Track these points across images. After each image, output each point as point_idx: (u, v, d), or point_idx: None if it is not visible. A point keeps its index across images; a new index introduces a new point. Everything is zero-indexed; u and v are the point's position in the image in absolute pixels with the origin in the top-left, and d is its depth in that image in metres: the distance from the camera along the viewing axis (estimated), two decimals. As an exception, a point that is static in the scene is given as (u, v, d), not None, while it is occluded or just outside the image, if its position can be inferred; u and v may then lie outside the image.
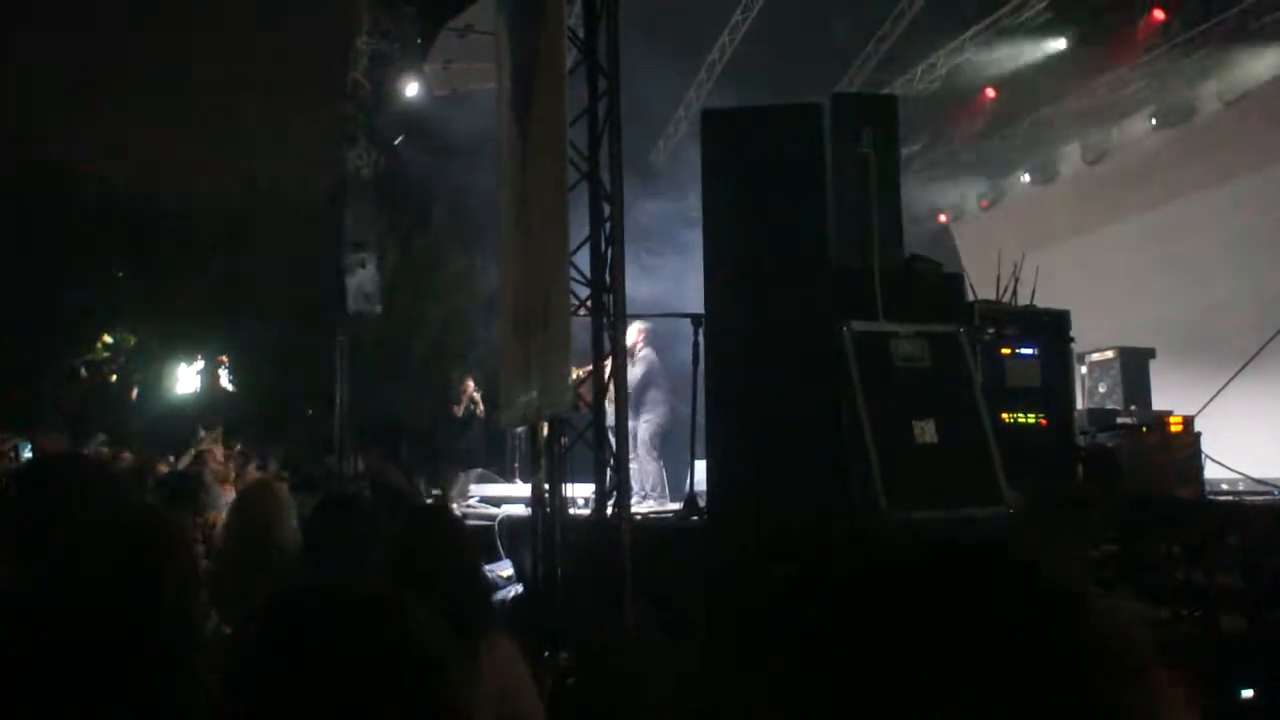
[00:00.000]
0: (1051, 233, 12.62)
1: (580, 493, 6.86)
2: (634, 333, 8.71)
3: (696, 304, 6.43)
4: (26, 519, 2.34)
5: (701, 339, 6.36)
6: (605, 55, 5.66)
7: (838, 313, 5.72)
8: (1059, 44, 11.84)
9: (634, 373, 8.87)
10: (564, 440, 6.06)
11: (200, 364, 16.17)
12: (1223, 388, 7.13)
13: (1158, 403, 8.94)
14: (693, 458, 6.84)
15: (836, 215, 6.17)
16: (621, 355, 5.62)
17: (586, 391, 5.75)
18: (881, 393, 5.54)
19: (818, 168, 6.17)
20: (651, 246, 9.99)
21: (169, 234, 16.03)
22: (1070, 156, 13.59)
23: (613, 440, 5.79)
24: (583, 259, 5.70)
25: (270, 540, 3.49)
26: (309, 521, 3.34)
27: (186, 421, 12.11)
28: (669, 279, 9.13)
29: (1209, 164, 11.30)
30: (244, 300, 15.23)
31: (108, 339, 16.22)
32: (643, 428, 9.01)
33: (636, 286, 5.93)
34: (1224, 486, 7.77)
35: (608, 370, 5.62)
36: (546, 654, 5.22)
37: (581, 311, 5.64)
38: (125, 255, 16.02)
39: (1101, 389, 9.41)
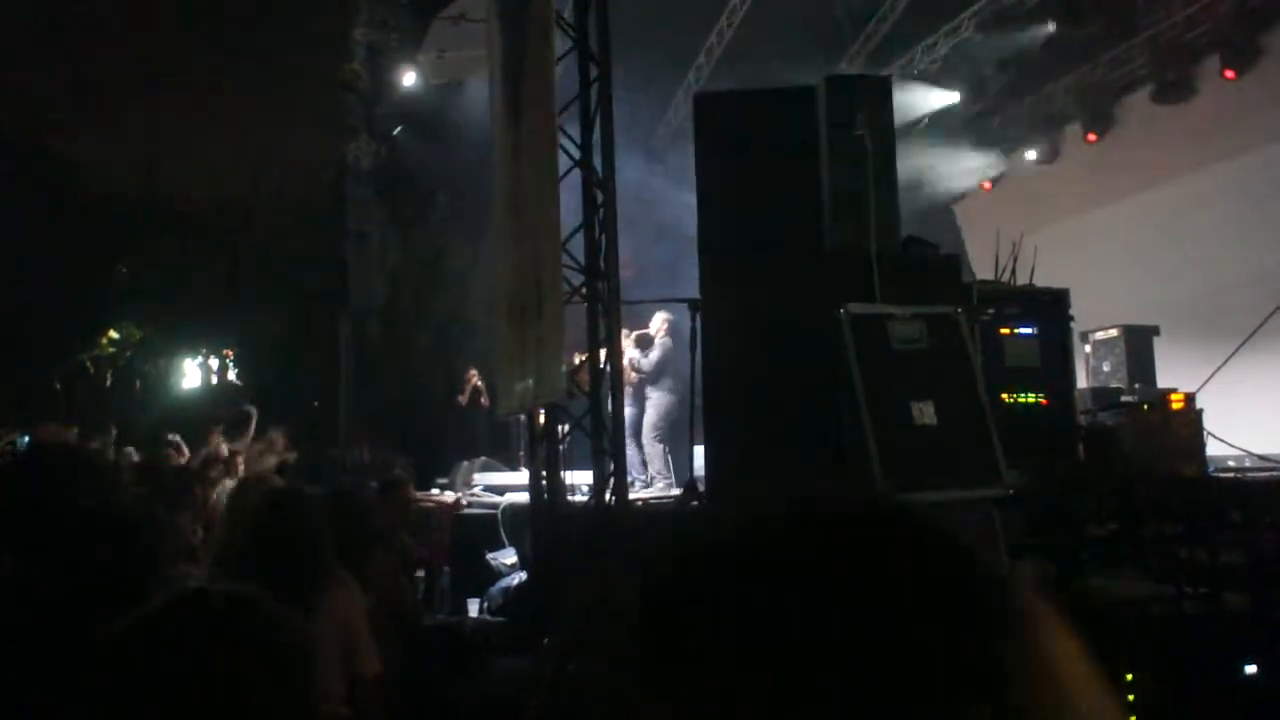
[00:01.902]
0: (1055, 212, 12.56)
1: (583, 479, 6.86)
2: (659, 320, 8.85)
3: (694, 288, 6.40)
4: (12, 506, 2.38)
5: (699, 323, 6.34)
6: (596, 42, 5.64)
7: (834, 295, 5.69)
8: (1057, 23, 11.73)
9: (651, 357, 8.93)
10: (564, 427, 6.06)
11: (205, 358, 16.22)
12: (1222, 365, 7.08)
13: (1162, 380, 8.89)
14: (692, 442, 6.82)
15: (832, 197, 6.13)
16: (616, 342, 5.62)
17: (585, 378, 5.75)
18: (879, 375, 5.50)
19: (812, 150, 6.13)
20: (648, 230, 9.96)
21: (172, 228, 16.05)
22: (1072, 135, 13.50)
23: (609, 427, 5.79)
24: (576, 247, 5.69)
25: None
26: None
27: (193, 416, 12.13)
28: (667, 263, 9.11)
29: (1211, 140, 11.21)
30: (248, 293, 15.26)
31: (113, 334, 16.26)
32: (649, 413, 9.02)
33: (634, 270, 5.92)
34: (1230, 464, 7.74)
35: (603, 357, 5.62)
36: (547, 640, 5.23)
37: (576, 298, 5.64)
38: (128, 249, 16.05)
39: (1106, 367, 9.37)
